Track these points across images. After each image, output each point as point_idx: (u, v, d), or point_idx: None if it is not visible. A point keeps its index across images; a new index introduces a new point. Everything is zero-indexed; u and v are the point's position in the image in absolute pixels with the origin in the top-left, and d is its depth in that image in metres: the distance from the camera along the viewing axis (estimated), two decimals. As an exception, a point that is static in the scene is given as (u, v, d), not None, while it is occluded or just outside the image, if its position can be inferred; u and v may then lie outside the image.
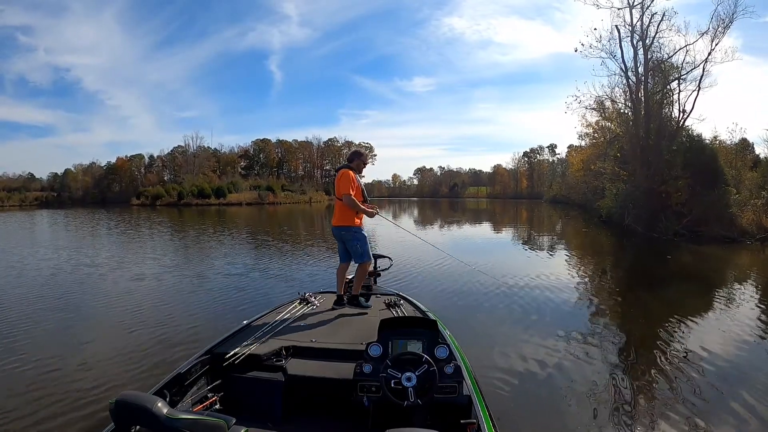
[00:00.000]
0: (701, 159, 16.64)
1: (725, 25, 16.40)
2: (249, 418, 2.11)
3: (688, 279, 9.31)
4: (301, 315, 3.60)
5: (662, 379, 4.00)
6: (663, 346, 4.91)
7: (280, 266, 10.28)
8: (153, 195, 55.15)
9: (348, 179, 3.97)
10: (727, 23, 16.35)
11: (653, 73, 18.10)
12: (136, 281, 8.51)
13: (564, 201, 51.47)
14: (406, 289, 5.30)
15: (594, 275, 9.93)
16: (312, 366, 2.68)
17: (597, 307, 6.92)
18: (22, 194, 60.64)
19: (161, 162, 72.57)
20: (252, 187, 62.82)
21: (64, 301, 6.93)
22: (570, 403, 3.57)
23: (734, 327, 5.52)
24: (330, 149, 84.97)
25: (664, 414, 3.35)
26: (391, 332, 2.53)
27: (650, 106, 18.17)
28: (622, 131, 21.05)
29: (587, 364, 4.35)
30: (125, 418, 1.60)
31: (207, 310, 6.43)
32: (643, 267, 11.19)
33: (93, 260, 11.17)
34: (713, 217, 15.15)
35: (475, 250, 13.65)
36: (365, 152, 4.25)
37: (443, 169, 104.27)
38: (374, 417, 2.32)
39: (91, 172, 70.89)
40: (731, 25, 16.39)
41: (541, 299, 6.96)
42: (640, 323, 5.93)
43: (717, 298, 7.27)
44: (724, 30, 16.44)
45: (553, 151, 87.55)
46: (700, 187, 16.03)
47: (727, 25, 16.39)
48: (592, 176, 30.78)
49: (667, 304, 6.87)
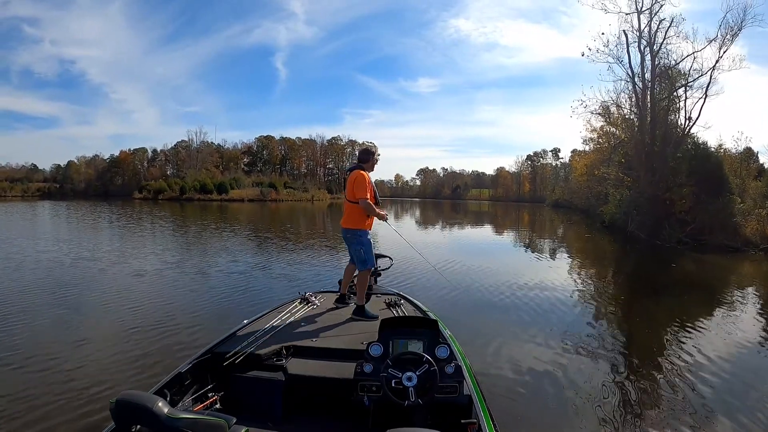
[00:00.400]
0: (706, 167, 16.57)
1: (734, 33, 16.36)
2: (249, 418, 2.10)
3: (692, 287, 9.25)
4: (302, 315, 3.59)
5: (663, 384, 3.97)
6: (664, 351, 4.88)
7: (280, 265, 10.24)
8: (155, 189, 55.25)
9: (363, 182, 3.80)
10: (736, 31, 16.31)
11: (660, 79, 18.02)
12: (137, 278, 8.48)
13: (566, 205, 51.32)
14: (406, 289, 5.24)
15: (596, 281, 9.87)
16: (312, 366, 2.68)
17: (598, 312, 6.88)
18: (25, 185, 60.84)
19: (164, 156, 72.67)
20: (254, 183, 62.83)
21: (63, 299, 6.86)
22: (570, 403, 3.55)
23: (738, 336, 5.48)
24: (333, 148, 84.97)
25: (663, 417, 3.33)
26: (392, 332, 2.53)
27: (656, 113, 18.10)
28: (627, 137, 20.95)
29: (587, 366, 4.34)
30: (126, 418, 1.60)
31: (207, 309, 6.40)
32: (646, 274, 11.10)
33: (93, 254, 11.12)
34: (717, 226, 15.07)
35: (477, 252, 13.58)
36: (375, 149, 4.10)
37: (446, 171, 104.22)
38: (375, 417, 2.32)
39: (94, 164, 70.98)
40: (740, 33, 16.32)
41: (542, 302, 6.93)
42: (642, 329, 5.91)
43: (720, 307, 7.22)
44: (732, 37, 16.39)
45: (557, 155, 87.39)
46: (704, 196, 15.96)
47: (736, 33, 16.35)
48: (595, 181, 30.62)
49: (670, 311, 6.83)
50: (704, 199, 15.89)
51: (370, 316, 3.60)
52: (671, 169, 17.24)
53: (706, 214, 15.56)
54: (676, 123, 18.29)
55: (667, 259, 12.69)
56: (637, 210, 18.04)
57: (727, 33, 16.40)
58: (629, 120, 20.59)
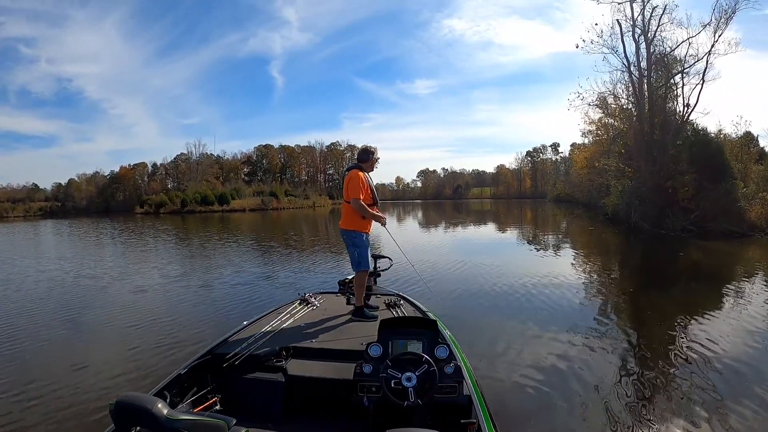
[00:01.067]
0: (707, 153, 16.41)
1: (728, 16, 16.20)
2: (249, 419, 2.10)
3: (701, 276, 9.07)
4: (302, 315, 3.59)
5: (668, 381, 3.84)
6: (671, 346, 4.71)
7: (280, 268, 10.25)
8: (156, 203, 55.36)
9: (357, 181, 3.78)
10: (730, 14, 16.15)
11: (656, 66, 17.87)
12: (136, 283, 8.46)
13: (568, 200, 51.15)
14: (405, 289, 5.21)
15: (601, 274, 9.71)
16: (312, 366, 2.68)
17: (603, 307, 6.72)
18: (26, 204, 61.05)
19: (164, 170, 72.94)
20: (255, 193, 62.92)
21: (64, 303, 6.89)
22: (570, 403, 3.49)
23: (749, 324, 5.32)
24: (333, 153, 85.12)
25: (667, 415, 3.25)
26: (391, 332, 2.52)
27: (654, 101, 17.93)
28: (626, 127, 20.80)
29: (588, 365, 4.24)
30: (125, 419, 1.60)
31: (207, 310, 6.38)
32: (652, 265, 10.91)
33: (96, 264, 11.26)
34: (721, 212, 14.90)
35: (477, 250, 13.47)
36: (375, 149, 4.02)
37: (446, 171, 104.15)
38: (374, 417, 2.31)
39: (94, 181, 71.32)
40: (734, 17, 16.18)
41: (544, 299, 6.78)
42: (651, 322, 5.73)
43: (731, 295, 7.03)
44: (726, 21, 16.23)
45: (556, 150, 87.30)
46: (706, 182, 15.78)
47: (730, 16, 16.19)
48: (596, 174, 30.46)
49: (679, 302, 6.67)
50: (706, 186, 15.70)
51: (369, 316, 3.58)
52: (672, 157, 17.06)
53: (708, 200, 15.37)
54: (674, 110, 18.12)
55: (672, 248, 12.51)
56: (639, 200, 17.84)
57: (721, 17, 16.27)
58: (627, 110, 20.46)
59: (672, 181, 16.77)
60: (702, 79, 16.78)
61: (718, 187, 15.33)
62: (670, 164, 17.06)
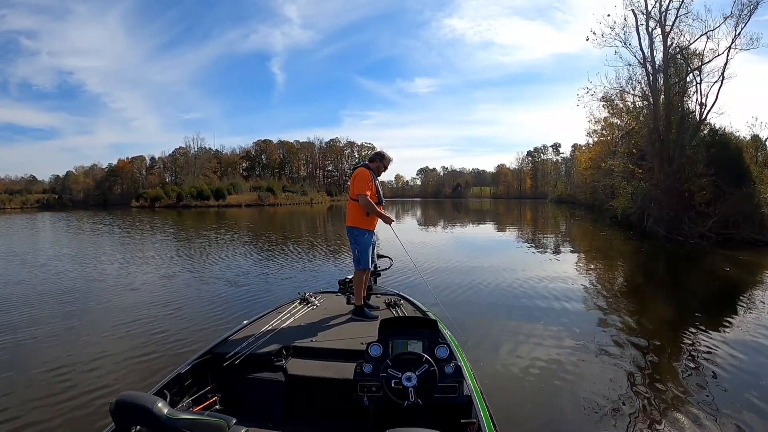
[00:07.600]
0: (726, 155, 15.40)
1: (751, 8, 15.13)
2: (249, 418, 2.09)
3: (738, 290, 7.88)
4: (302, 315, 3.57)
5: (674, 387, 3.69)
6: (681, 355, 4.52)
7: (279, 267, 10.09)
8: (152, 197, 54.64)
9: (364, 178, 3.81)
10: (754, 4, 15.09)
11: (673, 61, 16.85)
12: (136, 281, 8.39)
13: (569, 201, 50.41)
14: (406, 288, 5.24)
15: (610, 282, 8.86)
16: (312, 366, 2.67)
17: (608, 313, 6.24)
18: (24, 196, 60.54)
19: (163, 163, 72.06)
20: (253, 188, 62.05)
21: (64, 302, 6.83)
22: (570, 403, 3.46)
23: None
24: (332, 150, 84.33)
25: (669, 419, 3.17)
26: (392, 332, 2.48)
27: (670, 98, 16.90)
28: (638, 125, 19.78)
29: (590, 367, 4.16)
30: (125, 419, 1.58)
31: (207, 310, 6.31)
32: (679, 278, 9.39)
33: (95, 259, 11.17)
34: (742, 219, 13.95)
35: (478, 251, 12.70)
36: (388, 156, 4.01)
37: (446, 170, 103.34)
38: (374, 417, 2.29)
39: (92, 174, 70.66)
40: (758, 7, 15.09)
41: (547, 302, 6.61)
42: (659, 331, 5.34)
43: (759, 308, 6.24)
44: (750, 12, 15.17)
45: (557, 150, 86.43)
46: (725, 186, 14.80)
47: (755, 7, 15.11)
48: (602, 174, 29.41)
49: (696, 312, 6.18)
50: (726, 190, 14.75)
51: (369, 316, 3.57)
52: (688, 159, 16.11)
53: (728, 205, 14.42)
54: (690, 109, 17.15)
55: (697, 258, 11.51)
56: (653, 203, 16.87)
57: (743, 8, 15.25)
58: (639, 108, 19.48)
59: (688, 183, 15.81)
60: (722, 75, 15.75)
61: (738, 192, 14.37)
62: (686, 166, 16.10)
